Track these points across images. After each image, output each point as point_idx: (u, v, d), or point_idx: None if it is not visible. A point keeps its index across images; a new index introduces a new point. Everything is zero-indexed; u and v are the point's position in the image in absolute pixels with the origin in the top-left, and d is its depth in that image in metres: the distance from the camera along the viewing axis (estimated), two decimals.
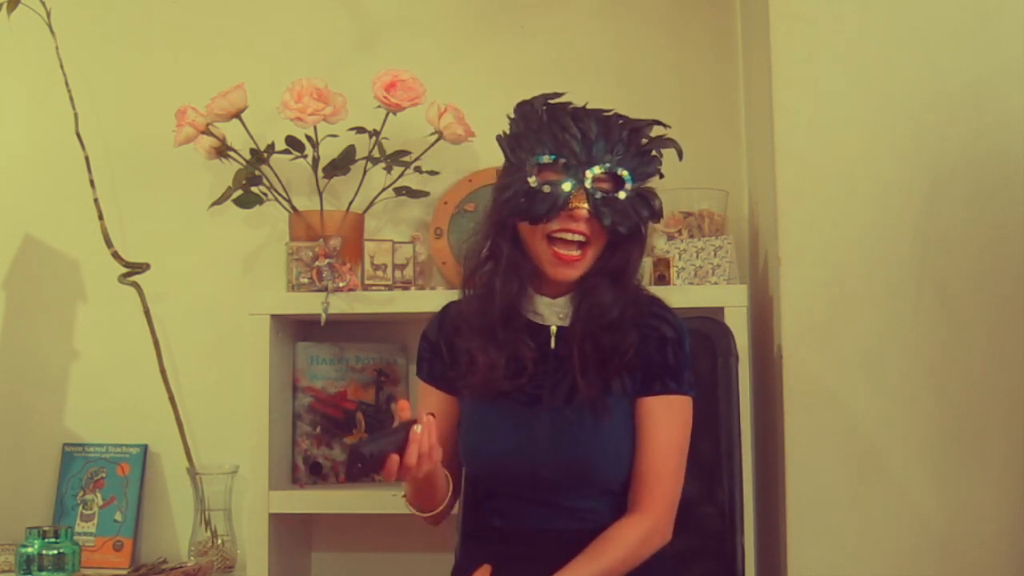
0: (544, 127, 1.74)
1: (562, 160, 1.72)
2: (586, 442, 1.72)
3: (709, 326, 2.03)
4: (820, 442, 1.97)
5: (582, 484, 1.74)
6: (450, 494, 1.80)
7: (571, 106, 1.76)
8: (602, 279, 1.75)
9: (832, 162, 2.02)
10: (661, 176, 1.80)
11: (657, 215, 1.78)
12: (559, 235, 1.72)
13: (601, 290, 1.75)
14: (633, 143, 1.75)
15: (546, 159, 1.72)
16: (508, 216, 1.75)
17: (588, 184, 1.71)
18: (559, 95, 1.78)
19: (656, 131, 1.79)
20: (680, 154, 1.79)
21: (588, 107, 1.76)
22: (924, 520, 1.95)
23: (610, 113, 1.76)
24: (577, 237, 1.72)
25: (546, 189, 1.71)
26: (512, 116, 1.79)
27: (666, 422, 1.75)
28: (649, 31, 2.57)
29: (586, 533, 1.73)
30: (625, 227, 1.73)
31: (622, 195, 1.72)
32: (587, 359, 1.73)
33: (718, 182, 2.39)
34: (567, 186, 1.70)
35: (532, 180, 1.72)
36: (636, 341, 1.74)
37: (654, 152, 1.78)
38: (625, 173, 1.73)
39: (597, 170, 1.71)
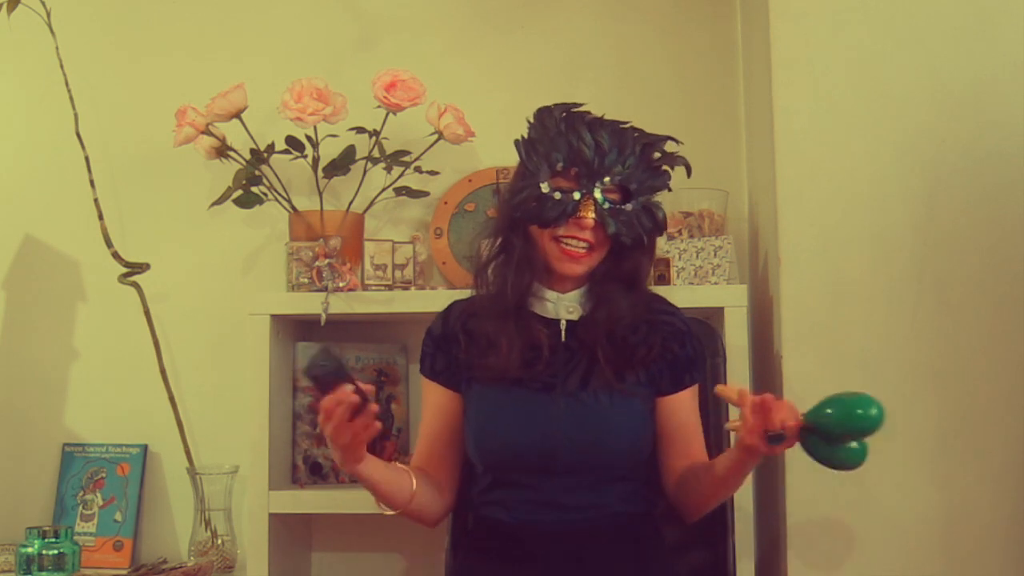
0: (560, 135, 1.79)
1: (574, 169, 1.78)
2: (605, 423, 1.77)
3: (698, 328, 2.03)
4: None
5: (599, 468, 1.77)
6: (416, 493, 1.77)
7: (588, 116, 1.82)
8: (616, 285, 1.82)
9: (832, 162, 2.02)
10: (670, 190, 1.86)
11: (661, 228, 1.84)
12: (565, 240, 1.78)
13: (616, 297, 1.81)
14: (644, 157, 1.81)
15: (560, 166, 1.78)
16: (520, 218, 1.81)
17: (597, 194, 1.77)
18: (579, 105, 1.83)
19: (669, 147, 1.84)
20: (689, 171, 1.85)
21: (605, 118, 1.82)
22: (924, 520, 1.95)
23: (626, 126, 1.82)
24: (582, 245, 1.78)
25: (557, 196, 1.77)
26: (531, 121, 1.84)
27: (695, 409, 1.87)
28: (649, 31, 2.57)
29: (589, 530, 1.76)
30: (629, 237, 1.79)
31: (629, 207, 1.79)
32: (608, 355, 1.79)
33: (718, 182, 2.39)
34: (577, 195, 1.77)
35: (544, 186, 1.78)
36: (657, 339, 1.81)
37: (664, 167, 1.84)
38: (634, 186, 1.79)
39: (607, 181, 1.78)
